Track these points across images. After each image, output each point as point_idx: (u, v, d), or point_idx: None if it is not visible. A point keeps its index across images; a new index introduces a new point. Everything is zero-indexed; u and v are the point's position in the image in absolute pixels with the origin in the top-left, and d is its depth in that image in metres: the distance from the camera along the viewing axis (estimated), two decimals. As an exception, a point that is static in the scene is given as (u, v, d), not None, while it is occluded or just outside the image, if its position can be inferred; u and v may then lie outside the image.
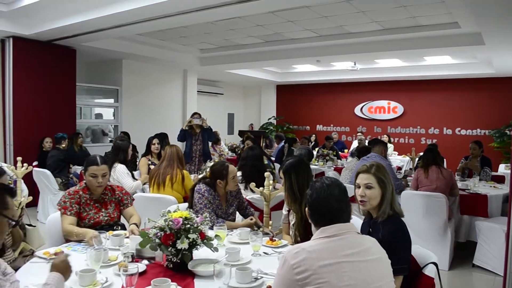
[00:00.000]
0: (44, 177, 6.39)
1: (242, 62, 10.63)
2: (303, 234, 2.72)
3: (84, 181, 3.19)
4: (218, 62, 10.86)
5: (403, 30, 7.81)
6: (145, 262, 2.42)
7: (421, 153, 6.90)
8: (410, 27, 7.69)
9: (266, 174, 3.57)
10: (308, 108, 15.09)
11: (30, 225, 3.55)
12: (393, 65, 11.87)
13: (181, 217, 2.28)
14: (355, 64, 10.91)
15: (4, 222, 1.83)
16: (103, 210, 3.15)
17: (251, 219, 3.33)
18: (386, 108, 13.87)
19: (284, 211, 3.12)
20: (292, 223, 2.92)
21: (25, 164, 5.15)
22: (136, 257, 2.48)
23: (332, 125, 14.67)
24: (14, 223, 1.87)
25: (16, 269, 2.19)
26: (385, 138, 10.86)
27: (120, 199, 3.29)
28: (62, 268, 1.97)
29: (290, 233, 2.97)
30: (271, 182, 3.57)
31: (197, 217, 2.38)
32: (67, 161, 7.00)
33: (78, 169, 7.11)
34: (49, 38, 7.66)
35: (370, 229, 2.34)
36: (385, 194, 2.30)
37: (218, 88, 14.61)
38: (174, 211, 2.39)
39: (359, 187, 2.37)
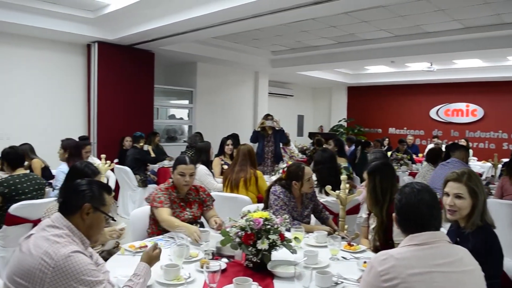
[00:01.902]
0: (124, 174, 6.74)
1: (314, 64, 10.58)
2: (383, 239, 2.65)
3: (172, 180, 3.32)
4: (289, 64, 10.90)
5: (486, 28, 7.40)
6: (225, 260, 2.47)
7: (505, 160, 6.47)
8: (493, 25, 7.29)
9: (343, 177, 3.51)
10: (380, 110, 14.70)
11: (112, 219, 3.74)
12: (473, 66, 11.27)
13: (261, 218, 2.31)
14: (431, 64, 10.48)
15: (102, 217, 1.96)
16: (187, 209, 3.26)
17: (333, 231, 3.27)
18: (465, 111, 13.20)
19: (364, 214, 3.06)
20: (371, 226, 2.85)
21: (108, 161, 5.45)
22: (216, 254, 2.55)
23: (405, 128, 14.18)
24: (110, 219, 2.00)
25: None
26: (463, 142, 10.29)
27: (203, 200, 3.39)
28: (153, 258, 2.10)
29: (369, 237, 2.91)
30: (347, 185, 3.51)
31: (277, 218, 2.40)
32: (142, 160, 7.31)
33: (155, 167, 7.43)
34: (130, 42, 8.09)
35: (458, 239, 2.21)
36: (476, 205, 2.16)
37: (288, 89, 14.63)
38: (254, 211, 2.42)
39: (448, 195, 2.24)
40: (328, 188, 3.60)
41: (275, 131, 7.19)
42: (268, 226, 2.30)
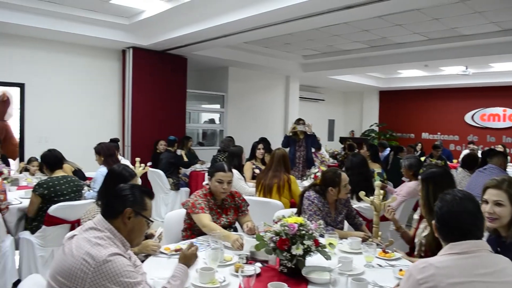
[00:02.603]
0: (157, 177, 6.86)
1: (345, 68, 10.54)
2: (434, 249, 2.57)
3: (208, 186, 3.31)
4: (320, 68, 10.86)
5: (524, 31, 7.19)
6: (259, 264, 2.47)
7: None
8: (532, 28, 7.07)
9: (377, 183, 3.47)
10: (413, 115, 14.46)
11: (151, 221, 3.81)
12: (510, 69, 10.94)
13: (296, 223, 2.31)
14: (466, 68, 10.24)
15: (143, 222, 2.00)
16: (223, 215, 3.26)
17: (367, 237, 3.22)
18: (501, 116, 12.83)
19: (416, 215, 3.00)
20: (422, 233, 2.78)
21: (142, 164, 5.54)
22: (250, 259, 2.56)
23: (439, 133, 13.90)
24: (151, 223, 2.04)
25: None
26: (500, 148, 9.98)
27: (238, 205, 3.40)
28: (189, 257, 2.14)
29: (415, 240, 2.84)
30: (381, 191, 3.46)
31: (312, 223, 2.39)
32: (176, 164, 7.41)
33: (187, 170, 7.52)
34: (164, 48, 8.25)
35: (498, 249, 2.15)
36: None
37: (319, 94, 14.58)
38: (289, 217, 2.43)
39: (487, 203, 2.19)
40: (362, 194, 3.56)
41: (307, 135, 7.16)
42: (303, 232, 2.29)
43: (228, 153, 5.87)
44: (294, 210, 3.51)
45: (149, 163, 7.36)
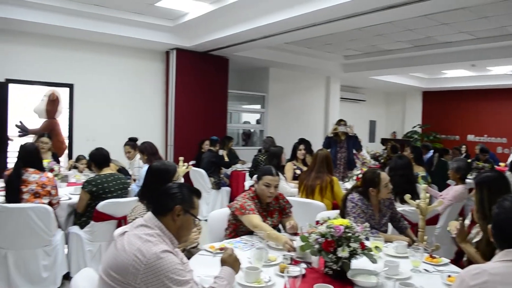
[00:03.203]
0: (199, 176, 6.97)
1: (388, 68, 10.37)
2: (488, 256, 2.49)
3: (254, 189, 3.32)
4: (362, 68, 10.72)
5: None
6: (303, 265, 2.47)
7: None
8: None
9: (423, 186, 3.40)
10: (458, 116, 14.01)
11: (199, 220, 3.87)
12: None
13: (342, 225, 2.29)
14: (516, 68, 9.85)
15: (191, 220, 2.06)
16: (268, 218, 3.25)
17: (412, 241, 3.15)
18: (554, 118, 12.23)
19: (468, 221, 2.92)
20: (474, 239, 2.70)
21: (185, 164, 5.64)
22: (295, 259, 2.56)
23: (486, 135, 13.41)
24: (198, 221, 2.08)
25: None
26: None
27: (283, 207, 3.40)
28: (231, 262, 2.14)
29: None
30: (427, 195, 3.38)
31: (357, 226, 2.37)
32: (217, 164, 7.49)
33: (228, 170, 7.60)
34: (206, 49, 8.37)
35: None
36: None
37: (360, 94, 14.38)
38: (334, 218, 2.41)
39: None
40: (407, 197, 3.49)
41: (348, 137, 7.09)
42: (349, 234, 2.27)
43: (268, 153, 5.91)
44: (331, 212, 3.48)
45: (191, 162, 7.51)
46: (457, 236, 2.73)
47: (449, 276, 2.33)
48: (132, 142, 6.00)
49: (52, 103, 7.56)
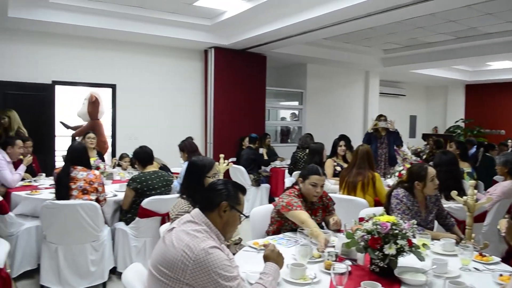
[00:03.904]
0: (239, 173, 7.03)
1: (429, 62, 10.08)
2: None
3: (298, 187, 3.29)
4: (402, 62, 10.49)
5: None
6: (348, 262, 2.44)
7: None
8: None
9: (471, 182, 3.30)
10: (503, 110, 13.47)
11: (246, 216, 3.89)
12: None
13: (388, 222, 2.26)
14: None
15: (237, 216, 2.08)
16: (312, 216, 3.21)
17: (459, 239, 3.06)
18: None
19: None
20: None
21: (226, 161, 5.69)
22: (340, 255, 2.54)
23: (534, 129, 12.86)
24: (244, 217, 2.10)
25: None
26: None
27: (326, 205, 3.39)
28: (275, 257, 2.15)
29: None
30: (475, 191, 3.28)
31: (405, 223, 2.32)
32: (256, 161, 7.51)
33: (267, 167, 7.62)
34: (244, 46, 8.40)
35: None
36: None
37: (399, 89, 14.08)
38: (380, 215, 2.38)
39: None
40: (454, 193, 3.39)
41: (389, 132, 6.96)
42: (396, 231, 2.24)
43: (309, 150, 5.87)
44: (375, 209, 3.42)
45: (231, 159, 7.58)
46: (507, 234, 2.64)
47: (500, 275, 2.26)
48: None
49: (93, 105, 7.81)
